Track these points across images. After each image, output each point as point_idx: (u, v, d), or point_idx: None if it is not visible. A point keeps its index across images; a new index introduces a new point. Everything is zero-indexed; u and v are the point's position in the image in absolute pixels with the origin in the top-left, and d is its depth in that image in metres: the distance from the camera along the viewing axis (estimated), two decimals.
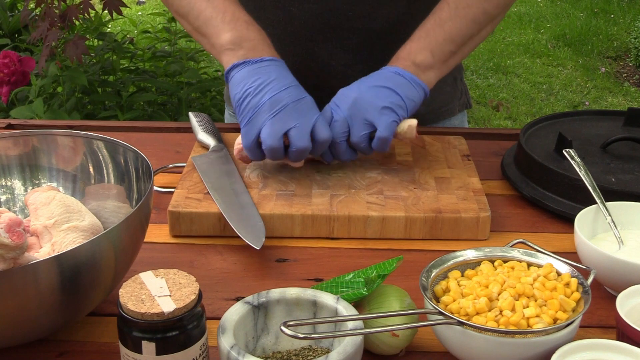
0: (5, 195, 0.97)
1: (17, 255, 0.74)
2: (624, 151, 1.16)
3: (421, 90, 1.11)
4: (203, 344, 0.72)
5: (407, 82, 1.10)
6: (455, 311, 0.75)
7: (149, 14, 5.28)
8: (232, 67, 1.08)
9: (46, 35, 2.11)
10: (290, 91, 1.05)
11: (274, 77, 1.06)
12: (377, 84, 1.09)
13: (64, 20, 2.15)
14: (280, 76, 1.07)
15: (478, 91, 4.57)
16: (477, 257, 0.83)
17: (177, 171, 1.18)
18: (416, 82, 1.11)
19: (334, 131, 1.07)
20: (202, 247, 1.00)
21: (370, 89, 1.09)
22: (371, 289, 0.78)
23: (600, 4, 6.24)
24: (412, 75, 1.11)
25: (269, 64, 1.08)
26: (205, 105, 2.76)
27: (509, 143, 1.27)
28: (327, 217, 1.01)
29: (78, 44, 2.11)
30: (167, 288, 0.71)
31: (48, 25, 2.11)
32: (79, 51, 2.11)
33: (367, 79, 1.11)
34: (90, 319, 0.85)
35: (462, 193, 1.06)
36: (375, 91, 1.09)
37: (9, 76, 2.25)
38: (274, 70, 1.07)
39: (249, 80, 1.06)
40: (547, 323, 0.73)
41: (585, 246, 0.88)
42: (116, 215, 0.94)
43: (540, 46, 5.36)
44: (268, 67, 1.07)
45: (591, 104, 4.44)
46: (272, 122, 1.03)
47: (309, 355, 0.75)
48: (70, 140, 0.97)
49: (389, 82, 1.10)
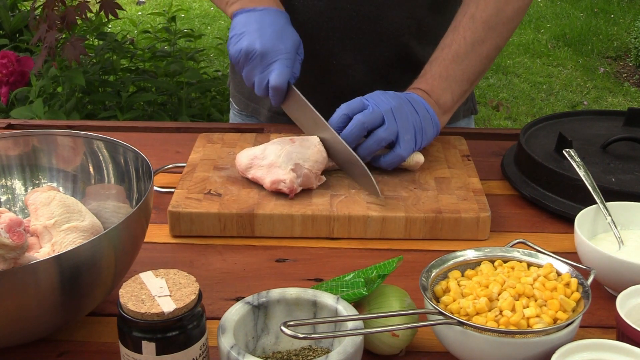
0: (6, 195, 0.97)
1: (17, 255, 0.74)
2: (624, 151, 1.16)
3: (437, 130, 1.14)
4: (203, 344, 0.72)
5: (430, 119, 1.12)
6: (455, 311, 0.75)
7: (149, 13, 5.29)
8: (232, 16, 1.16)
9: (45, 36, 2.11)
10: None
11: (256, 27, 1.11)
12: (412, 107, 1.11)
13: (63, 22, 2.15)
14: (264, 24, 1.11)
15: (478, 91, 4.57)
16: (477, 257, 0.83)
17: (177, 171, 1.18)
18: (436, 122, 1.13)
19: (371, 120, 1.07)
20: (202, 247, 1.00)
21: (407, 105, 1.10)
22: (371, 289, 0.78)
23: (600, 4, 6.24)
24: (435, 115, 1.13)
25: (260, 13, 1.12)
26: (205, 105, 2.76)
27: (509, 143, 1.27)
28: (327, 217, 1.01)
29: (76, 45, 2.11)
30: (167, 288, 0.71)
31: (47, 27, 2.12)
32: (77, 52, 2.11)
33: (404, 95, 1.12)
34: (90, 319, 0.85)
35: (462, 193, 1.06)
36: (411, 111, 1.10)
37: (8, 76, 2.25)
38: (258, 19, 1.12)
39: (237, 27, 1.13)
40: (547, 323, 0.73)
41: (586, 246, 0.88)
42: (116, 216, 0.94)
43: (540, 46, 5.36)
44: (256, 15, 1.12)
45: (591, 104, 4.44)
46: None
47: (309, 356, 0.75)
48: (70, 140, 0.97)
49: (420, 111, 1.11)
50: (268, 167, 1.04)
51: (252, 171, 1.06)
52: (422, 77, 1.17)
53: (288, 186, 1.02)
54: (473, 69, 1.17)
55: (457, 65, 1.16)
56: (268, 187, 1.04)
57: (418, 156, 1.11)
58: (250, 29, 1.11)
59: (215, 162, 1.14)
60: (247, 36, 1.10)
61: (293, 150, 1.05)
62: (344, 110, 1.09)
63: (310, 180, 1.04)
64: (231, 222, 1.01)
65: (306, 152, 1.05)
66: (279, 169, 1.04)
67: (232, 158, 1.15)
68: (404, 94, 1.13)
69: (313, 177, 1.04)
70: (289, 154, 1.05)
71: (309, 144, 1.07)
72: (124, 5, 5.99)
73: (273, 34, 1.10)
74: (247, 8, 1.14)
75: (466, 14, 1.17)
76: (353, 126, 1.06)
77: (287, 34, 1.11)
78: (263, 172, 1.05)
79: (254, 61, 1.10)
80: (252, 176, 1.06)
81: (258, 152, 1.07)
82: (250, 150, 1.09)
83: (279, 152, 1.06)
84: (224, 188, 1.07)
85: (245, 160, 1.07)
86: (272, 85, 1.09)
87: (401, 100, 1.10)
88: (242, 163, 1.07)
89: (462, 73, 1.16)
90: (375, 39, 1.26)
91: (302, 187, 1.04)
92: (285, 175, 1.03)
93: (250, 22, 1.12)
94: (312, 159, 1.05)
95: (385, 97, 1.10)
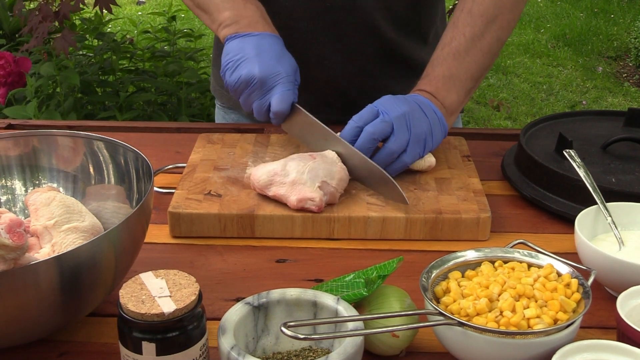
0: (6, 195, 0.97)
1: (17, 255, 0.74)
2: (624, 151, 1.16)
3: (444, 133, 1.12)
4: (203, 344, 0.72)
5: (439, 122, 1.11)
6: (456, 312, 0.75)
7: (149, 13, 5.28)
8: (226, 40, 1.14)
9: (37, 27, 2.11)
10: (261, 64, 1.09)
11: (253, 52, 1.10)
12: (423, 111, 1.09)
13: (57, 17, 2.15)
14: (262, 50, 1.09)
15: (478, 91, 4.57)
16: (477, 257, 0.83)
17: (177, 172, 1.18)
18: (444, 124, 1.12)
19: (380, 130, 1.06)
20: (202, 248, 1.00)
21: (417, 111, 1.08)
22: (371, 289, 0.78)
23: (600, 4, 6.24)
24: (443, 117, 1.12)
25: (256, 38, 1.11)
26: (204, 105, 2.76)
27: (509, 143, 1.27)
28: (327, 218, 1.01)
29: (67, 37, 2.10)
30: (167, 289, 0.71)
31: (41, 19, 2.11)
32: (67, 44, 2.10)
33: (412, 98, 1.11)
34: (90, 320, 0.85)
35: (463, 194, 1.06)
36: (421, 116, 1.09)
37: (5, 77, 2.25)
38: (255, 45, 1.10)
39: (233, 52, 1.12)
40: (548, 324, 0.73)
41: (586, 247, 0.88)
42: (116, 216, 0.94)
43: (540, 46, 5.36)
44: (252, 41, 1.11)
45: (591, 104, 4.44)
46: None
47: (309, 356, 0.75)
48: (70, 140, 0.97)
49: (430, 114, 1.10)
50: (291, 184, 1.01)
51: (273, 188, 1.02)
52: (425, 79, 1.16)
53: (317, 204, 1.00)
54: (476, 65, 1.15)
55: (459, 63, 1.14)
56: (294, 205, 1.01)
57: (430, 160, 1.11)
58: (248, 55, 1.09)
59: (215, 163, 1.14)
60: (245, 63, 1.09)
61: (317, 167, 1.03)
62: (355, 122, 1.07)
63: (335, 197, 1.03)
64: (231, 222, 1.01)
65: (331, 169, 1.03)
66: (304, 187, 1.01)
67: (232, 158, 1.15)
68: (412, 97, 1.11)
69: (337, 195, 1.03)
70: (313, 170, 1.02)
71: (330, 160, 1.05)
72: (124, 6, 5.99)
73: (272, 60, 1.09)
74: (242, 33, 1.12)
75: (463, 9, 1.16)
76: (363, 139, 1.06)
77: (285, 59, 1.11)
78: (286, 190, 1.01)
79: (253, 87, 1.09)
80: (274, 194, 1.02)
81: (278, 168, 1.03)
82: (268, 166, 1.05)
83: (301, 168, 1.02)
84: (224, 189, 1.07)
85: (265, 177, 1.03)
86: (276, 110, 1.09)
87: (411, 106, 1.08)
88: (261, 180, 1.03)
89: (465, 71, 1.15)
90: (350, 29, 1.25)
91: (329, 203, 1.03)
92: (312, 193, 1.00)
93: (247, 48, 1.10)
94: (337, 177, 1.03)
95: (395, 103, 1.08)
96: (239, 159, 1.15)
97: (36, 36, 2.10)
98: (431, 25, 1.35)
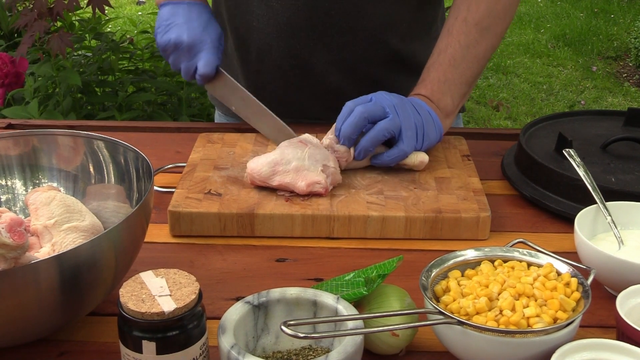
0: (6, 195, 0.98)
1: (18, 255, 0.74)
2: (624, 151, 1.16)
3: (440, 134, 1.15)
4: (203, 343, 0.72)
5: (432, 121, 1.14)
6: (456, 311, 0.75)
7: (149, 13, 5.28)
8: (160, 6, 1.24)
9: (32, 25, 2.10)
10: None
11: (183, 19, 1.19)
12: (414, 107, 1.12)
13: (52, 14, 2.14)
14: (191, 17, 1.20)
15: (478, 91, 4.57)
16: (477, 256, 0.83)
17: (177, 171, 1.18)
18: (439, 125, 1.15)
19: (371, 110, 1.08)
20: (202, 247, 1.00)
21: (408, 105, 1.11)
22: (371, 288, 0.78)
23: (600, 4, 6.24)
24: (437, 118, 1.14)
25: (186, 5, 1.21)
26: (205, 105, 2.75)
27: (509, 143, 1.27)
28: (327, 217, 1.01)
29: (63, 37, 2.10)
30: (167, 288, 0.71)
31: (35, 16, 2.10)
32: (64, 45, 2.10)
33: (407, 99, 1.14)
34: (90, 319, 0.85)
35: (462, 193, 1.06)
36: (413, 110, 1.11)
37: (3, 78, 2.24)
38: (185, 12, 1.20)
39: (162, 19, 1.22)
40: (547, 323, 0.73)
41: (586, 246, 0.88)
42: (116, 215, 0.94)
43: (540, 46, 5.36)
44: (182, 8, 1.20)
45: (591, 104, 4.44)
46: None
47: (309, 355, 0.75)
48: (70, 140, 0.97)
49: (422, 112, 1.12)
50: (295, 171, 1.03)
51: (277, 178, 1.03)
52: (421, 83, 1.19)
53: (324, 186, 1.03)
54: (470, 72, 1.19)
55: (454, 69, 1.17)
56: (303, 190, 1.03)
57: (422, 156, 1.11)
58: (178, 21, 1.19)
59: (215, 162, 1.14)
60: (174, 28, 1.19)
61: (314, 152, 1.06)
62: (348, 105, 1.11)
63: (337, 178, 1.06)
64: (231, 221, 1.01)
65: (324, 152, 1.08)
66: (309, 172, 1.04)
67: (232, 158, 1.16)
68: (407, 98, 1.15)
69: (338, 175, 1.07)
70: (312, 155, 1.06)
71: (317, 143, 1.10)
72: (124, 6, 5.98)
73: (199, 27, 1.19)
74: (174, 0, 1.21)
75: (458, 17, 1.18)
76: (353, 116, 1.08)
77: (211, 27, 1.21)
78: (292, 177, 1.03)
79: (181, 51, 1.19)
80: (279, 183, 1.03)
81: (277, 157, 1.05)
82: (264, 157, 1.05)
83: (300, 155, 1.05)
84: (224, 188, 1.07)
85: (266, 167, 1.04)
86: (202, 73, 1.19)
87: (403, 100, 1.12)
88: (262, 171, 1.04)
89: (460, 76, 1.18)
90: (354, 36, 1.26)
91: (332, 185, 1.06)
92: (318, 177, 1.03)
93: (177, 14, 1.20)
94: (332, 158, 1.07)
95: (388, 95, 1.11)
96: (239, 159, 1.15)
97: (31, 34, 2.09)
98: (432, 24, 1.36)
